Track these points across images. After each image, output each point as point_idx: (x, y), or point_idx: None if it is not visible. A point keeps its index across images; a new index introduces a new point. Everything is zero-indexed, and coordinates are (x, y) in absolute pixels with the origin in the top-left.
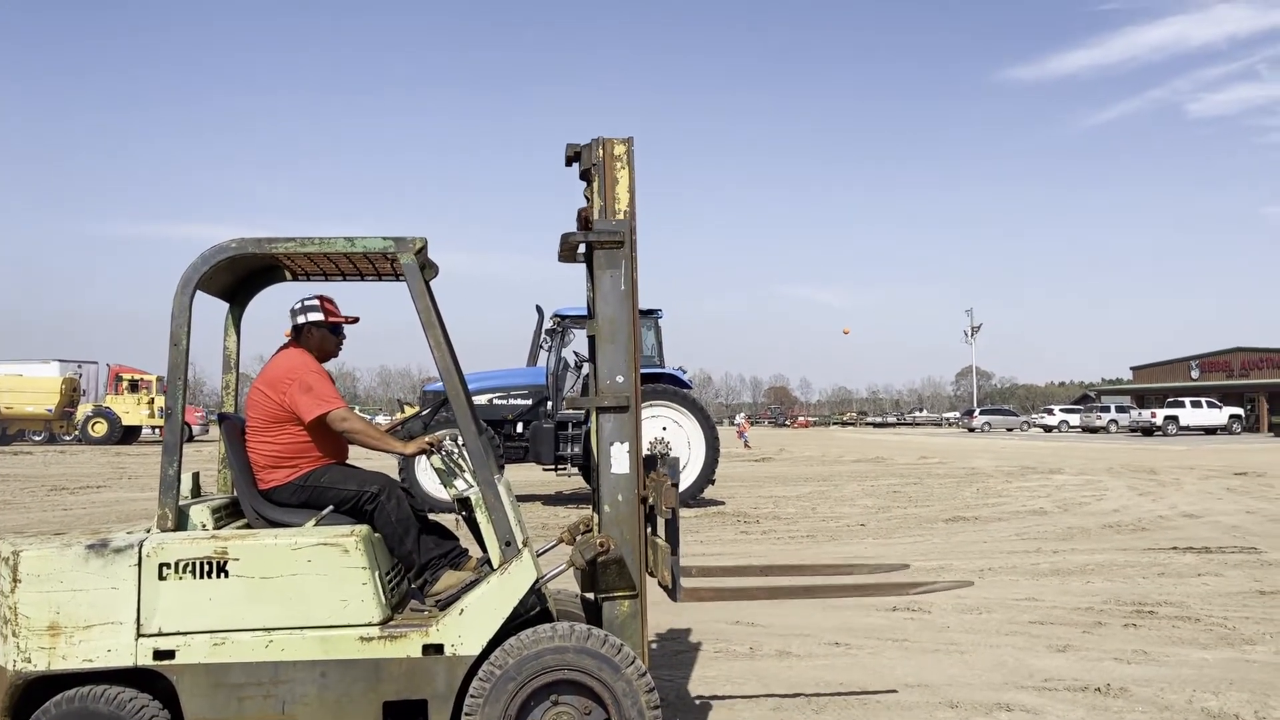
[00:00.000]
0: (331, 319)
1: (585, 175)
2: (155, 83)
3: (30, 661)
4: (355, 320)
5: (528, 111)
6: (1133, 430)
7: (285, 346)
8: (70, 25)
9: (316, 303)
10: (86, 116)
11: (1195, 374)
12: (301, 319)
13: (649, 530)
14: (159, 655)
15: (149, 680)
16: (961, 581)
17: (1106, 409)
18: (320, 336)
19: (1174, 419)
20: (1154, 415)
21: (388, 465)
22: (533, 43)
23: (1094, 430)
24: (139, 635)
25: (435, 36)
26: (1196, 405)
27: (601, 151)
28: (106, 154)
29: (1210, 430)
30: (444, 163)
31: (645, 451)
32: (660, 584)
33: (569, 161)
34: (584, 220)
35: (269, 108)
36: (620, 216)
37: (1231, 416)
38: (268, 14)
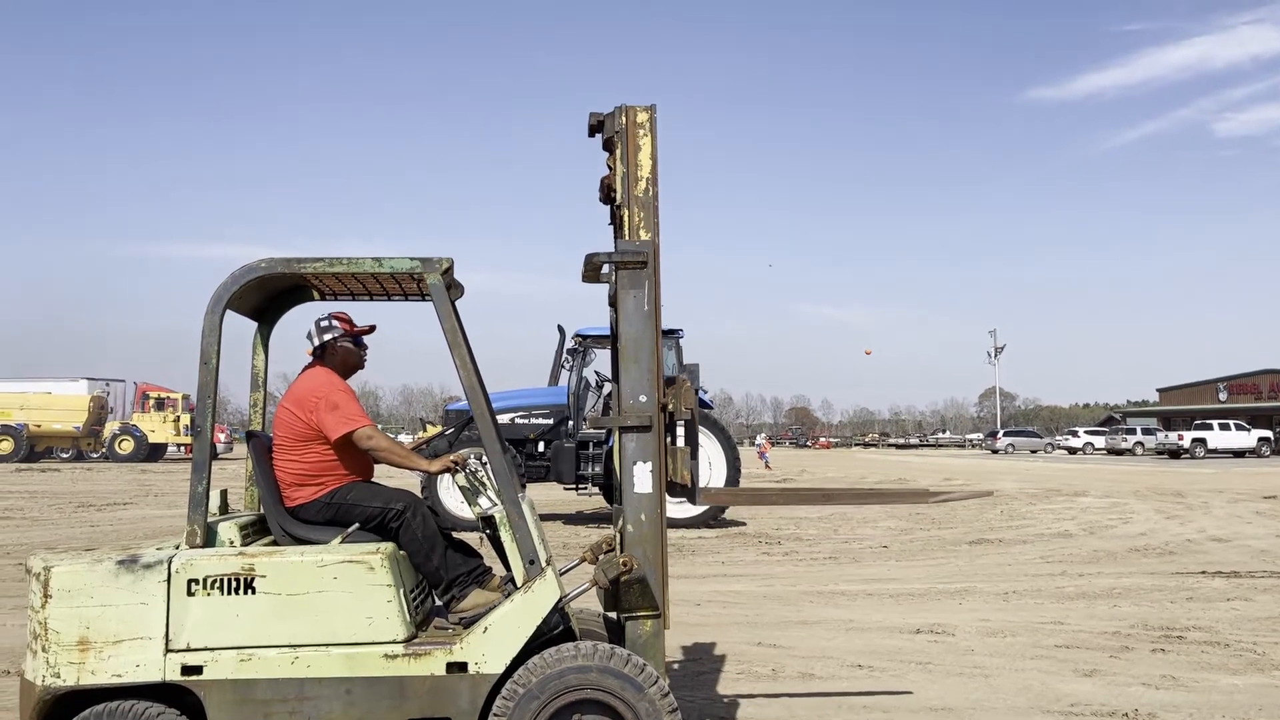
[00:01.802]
0: (352, 331)
1: (608, 144)
2: (172, 101)
3: (59, 676)
4: (373, 328)
5: (551, 127)
6: (1159, 453)
7: (310, 366)
8: (103, 48)
9: (334, 321)
10: (112, 136)
11: (1223, 396)
12: (327, 336)
13: (668, 441)
14: (187, 671)
15: (177, 696)
16: (980, 491)
17: (1132, 431)
18: (344, 352)
19: (1201, 441)
20: (1181, 438)
21: (410, 484)
22: (551, 60)
23: (1119, 453)
24: (167, 651)
25: (454, 52)
26: (1224, 428)
27: (624, 119)
28: (134, 174)
29: (1238, 453)
30: (466, 181)
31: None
32: (679, 485)
33: (592, 131)
34: (607, 189)
35: (293, 126)
36: (643, 184)
37: (1260, 439)
38: (285, 35)
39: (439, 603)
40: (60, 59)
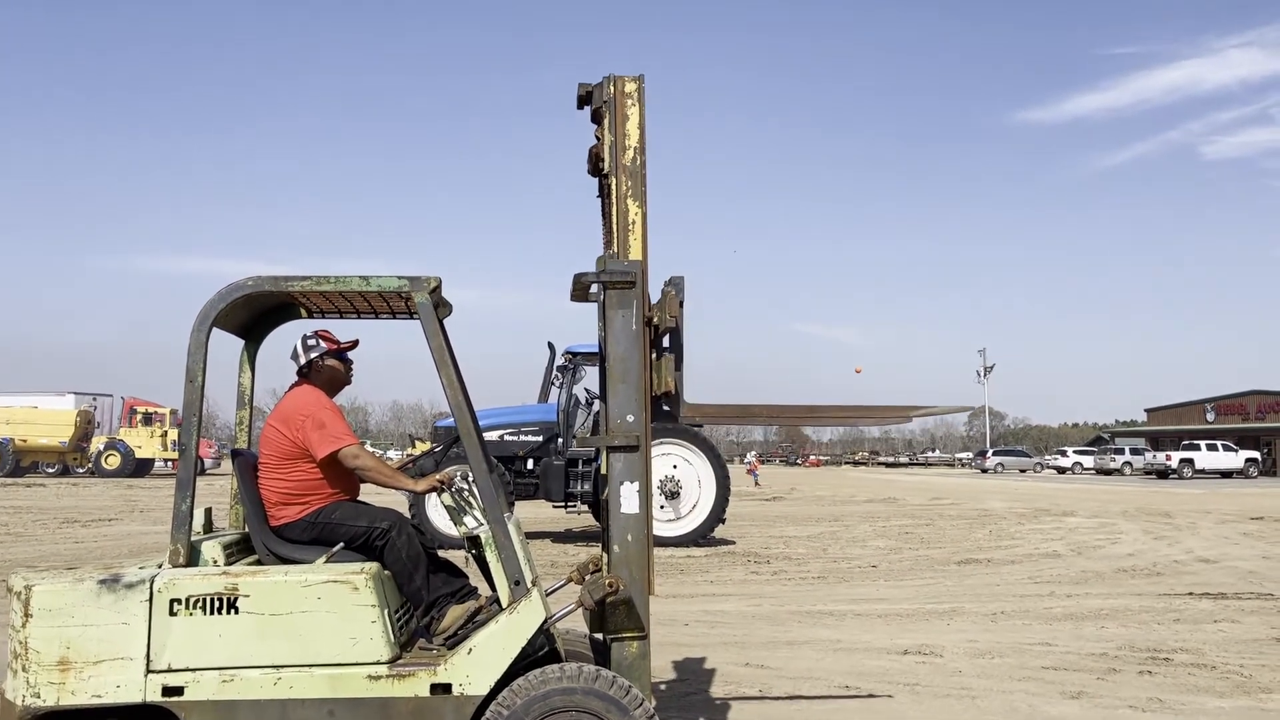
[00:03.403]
0: (336, 348)
1: (596, 115)
2: (165, 114)
3: (39, 696)
4: (356, 343)
5: (541, 146)
6: (1147, 473)
7: (297, 384)
8: (97, 57)
9: (317, 339)
10: (104, 149)
11: (1211, 417)
12: (314, 354)
13: (653, 356)
14: (168, 691)
15: (158, 717)
16: (963, 406)
17: (1121, 451)
18: (330, 369)
19: (1189, 462)
20: (1169, 458)
21: (398, 502)
22: (546, 78)
23: (1108, 472)
24: (148, 671)
25: (448, 67)
26: (1212, 448)
27: (613, 89)
28: (126, 187)
29: (1226, 474)
30: (455, 198)
31: (655, 491)
32: (664, 397)
33: (581, 103)
34: (595, 159)
35: (281, 141)
36: (631, 153)
37: (1247, 460)
38: (280, 51)
39: (421, 624)
40: (51, 67)
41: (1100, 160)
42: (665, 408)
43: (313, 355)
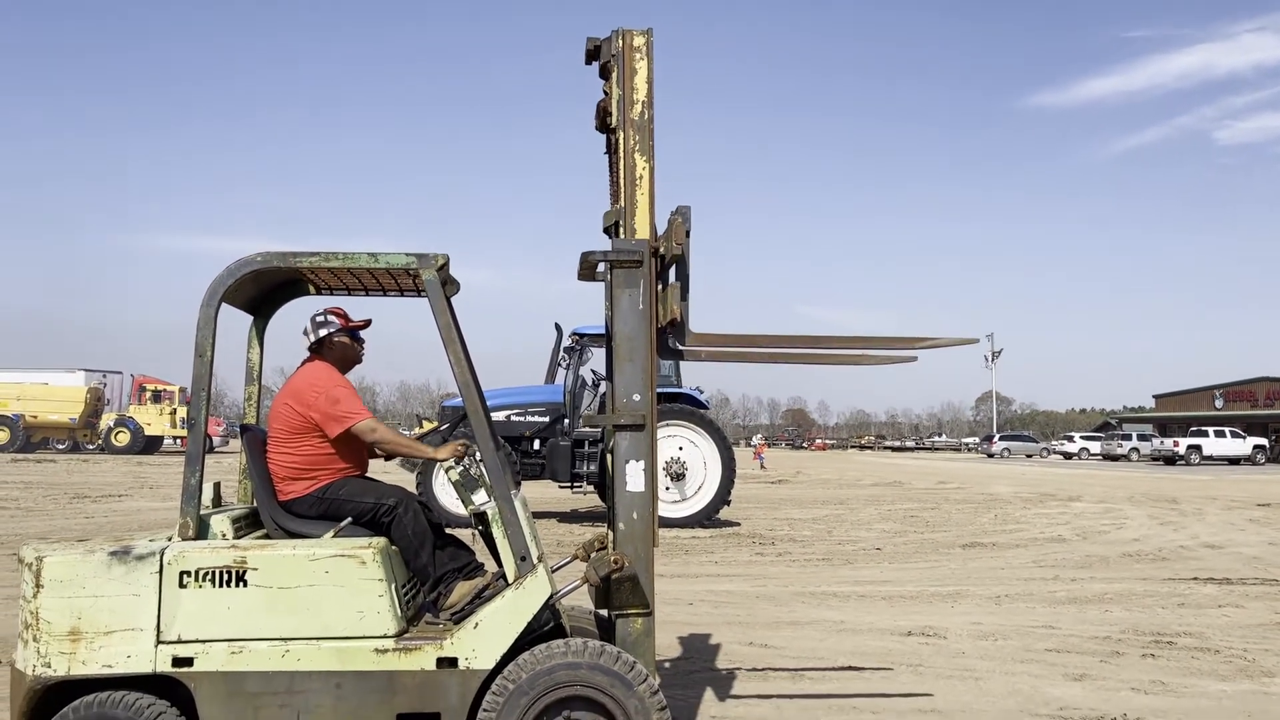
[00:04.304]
0: (348, 326)
1: (604, 70)
2: (172, 94)
3: (50, 666)
4: (368, 323)
5: (550, 128)
6: (1154, 459)
7: (308, 360)
8: (106, 41)
9: (330, 316)
10: (113, 127)
11: (1219, 403)
12: (323, 332)
13: (659, 287)
14: (177, 662)
15: (167, 687)
16: (966, 338)
17: (1128, 437)
18: (341, 346)
19: (1197, 448)
20: (1176, 444)
21: (405, 480)
22: (556, 62)
23: (1115, 458)
24: (158, 642)
25: (456, 52)
26: (1220, 435)
27: (621, 43)
28: (134, 166)
29: (1234, 460)
30: (466, 179)
31: (660, 471)
32: (669, 324)
33: (589, 58)
34: (603, 113)
35: (292, 122)
36: (639, 107)
37: (1255, 447)
38: (291, 31)
39: (428, 599)
40: (63, 50)
41: (1112, 145)
42: (670, 338)
43: (324, 332)
